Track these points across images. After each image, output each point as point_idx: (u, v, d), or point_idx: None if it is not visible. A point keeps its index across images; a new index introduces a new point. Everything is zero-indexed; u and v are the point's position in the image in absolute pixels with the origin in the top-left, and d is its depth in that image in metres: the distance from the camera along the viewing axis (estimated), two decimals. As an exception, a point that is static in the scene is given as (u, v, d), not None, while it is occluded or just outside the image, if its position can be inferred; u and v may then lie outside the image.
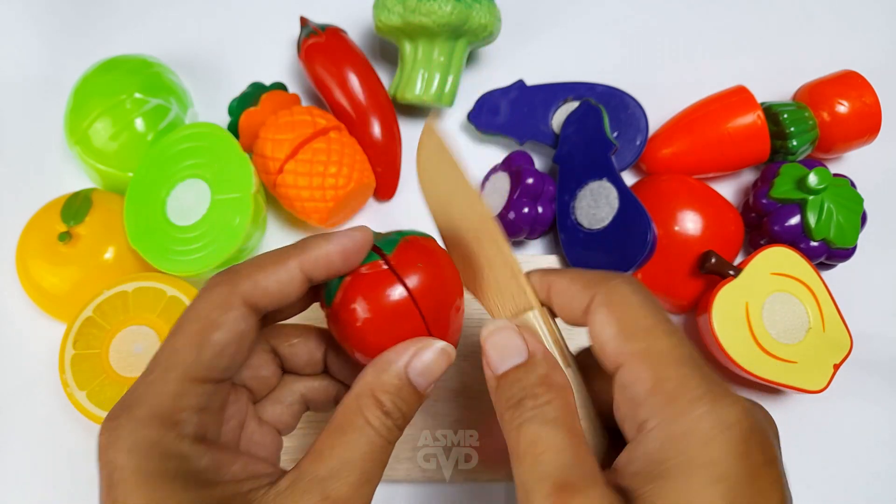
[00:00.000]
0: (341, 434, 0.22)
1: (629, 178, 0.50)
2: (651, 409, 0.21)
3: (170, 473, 0.20)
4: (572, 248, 0.44)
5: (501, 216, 0.44)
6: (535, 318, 0.26)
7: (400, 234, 0.27)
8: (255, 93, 0.46)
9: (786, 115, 0.46)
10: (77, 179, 0.48)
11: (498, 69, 0.53)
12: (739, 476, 0.19)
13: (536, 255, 0.47)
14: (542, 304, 0.27)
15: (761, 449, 0.20)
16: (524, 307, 0.27)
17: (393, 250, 0.26)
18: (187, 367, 0.22)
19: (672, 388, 0.20)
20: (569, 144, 0.46)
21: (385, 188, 0.48)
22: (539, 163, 0.50)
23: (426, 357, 0.24)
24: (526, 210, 0.44)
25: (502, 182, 0.45)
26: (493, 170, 0.47)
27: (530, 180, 0.44)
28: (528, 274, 0.27)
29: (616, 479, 0.21)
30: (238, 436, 0.26)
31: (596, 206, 0.43)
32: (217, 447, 0.23)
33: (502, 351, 0.24)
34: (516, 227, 0.44)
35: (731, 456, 0.19)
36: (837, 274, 0.46)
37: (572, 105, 0.48)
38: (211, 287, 0.23)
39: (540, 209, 0.44)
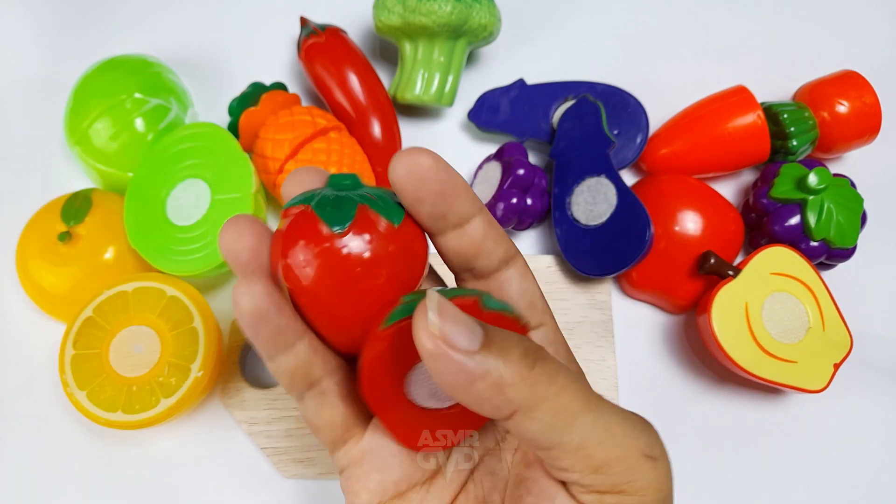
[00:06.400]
0: None
1: (629, 178, 0.50)
2: None
3: None
4: (568, 245, 0.44)
5: (489, 206, 0.44)
6: None
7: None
8: (255, 93, 0.46)
9: (786, 115, 0.46)
10: (77, 179, 0.48)
11: (498, 69, 0.53)
12: None
13: (532, 255, 0.47)
14: None
15: None
16: None
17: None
18: None
19: None
20: (566, 139, 0.46)
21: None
22: (537, 160, 0.50)
23: None
24: (514, 200, 0.44)
25: (493, 171, 0.46)
26: (487, 159, 0.47)
27: (521, 171, 0.44)
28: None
29: None
30: None
31: (594, 202, 0.43)
32: None
33: (457, 329, 0.18)
34: (504, 218, 0.44)
35: None
36: (837, 274, 0.46)
37: (572, 103, 0.48)
38: None
39: (529, 201, 0.44)
